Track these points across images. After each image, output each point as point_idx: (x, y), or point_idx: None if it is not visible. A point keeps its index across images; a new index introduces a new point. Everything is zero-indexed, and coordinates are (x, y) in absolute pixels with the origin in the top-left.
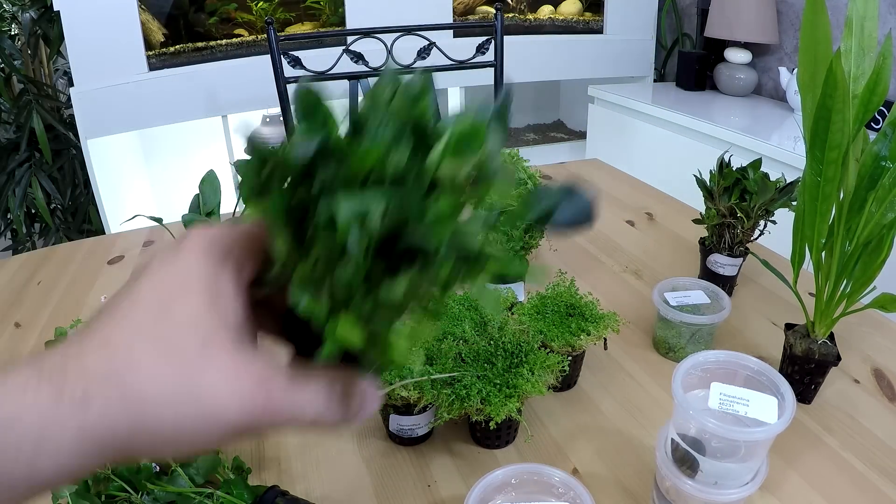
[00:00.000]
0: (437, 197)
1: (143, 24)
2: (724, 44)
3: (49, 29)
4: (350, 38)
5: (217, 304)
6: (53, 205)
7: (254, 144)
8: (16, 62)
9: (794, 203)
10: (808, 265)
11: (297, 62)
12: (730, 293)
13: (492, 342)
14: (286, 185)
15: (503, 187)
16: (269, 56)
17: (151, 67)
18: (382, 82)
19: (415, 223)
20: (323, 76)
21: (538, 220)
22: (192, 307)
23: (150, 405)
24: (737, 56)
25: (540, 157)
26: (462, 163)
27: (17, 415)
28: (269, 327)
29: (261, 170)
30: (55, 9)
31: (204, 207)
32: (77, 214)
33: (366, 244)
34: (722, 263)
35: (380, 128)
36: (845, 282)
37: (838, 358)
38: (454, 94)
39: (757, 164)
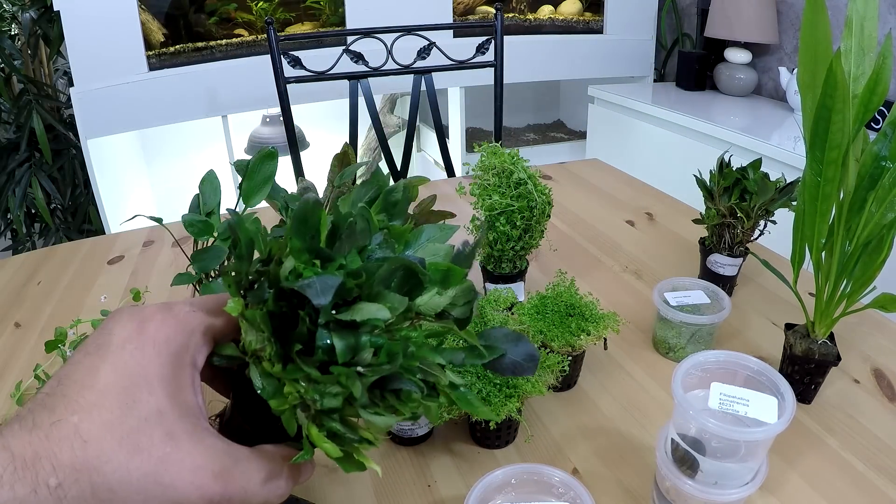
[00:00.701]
0: (417, 328)
1: (143, 24)
2: (724, 44)
3: (49, 29)
4: (350, 38)
5: (178, 397)
6: (53, 205)
7: (238, 229)
8: (16, 62)
9: (794, 203)
10: (808, 265)
11: (297, 62)
12: (730, 293)
13: None
14: (272, 292)
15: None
16: (269, 56)
17: (151, 67)
18: (362, 188)
19: (399, 360)
20: (323, 76)
21: (488, 365)
22: (155, 401)
23: (119, 496)
24: (737, 56)
25: (540, 157)
26: (442, 299)
27: None
28: (213, 381)
29: (247, 261)
30: (55, 9)
31: (204, 207)
32: (77, 214)
33: (364, 385)
34: (722, 263)
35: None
36: (845, 282)
37: (838, 358)
38: (454, 94)
39: (757, 164)
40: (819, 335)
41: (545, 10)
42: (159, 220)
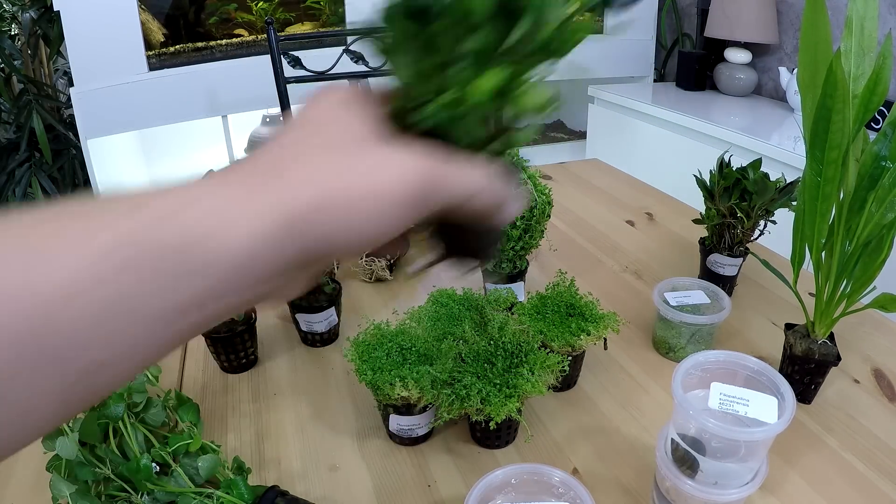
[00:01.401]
0: None
1: (143, 24)
2: (724, 44)
3: (49, 29)
4: (350, 38)
5: (366, 123)
6: None
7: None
8: (16, 62)
9: (794, 203)
10: (808, 265)
11: (297, 62)
12: (730, 293)
13: (492, 342)
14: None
15: None
16: (269, 56)
17: (151, 67)
18: None
19: None
20: (323, 76)
21: (602, 2)
22: (345, 123)
23: (319, 188)
24: (737, 56)
25: (540, 157)
26: None
27: (196, 197)
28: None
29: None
30: (55, 9)
31: None
32: None
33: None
34: (722, 263)
35: None
36: (845, 282)
37: (838, 358)
38: None
39: (757, 164)
40: (819, 335)
41: None
42: None
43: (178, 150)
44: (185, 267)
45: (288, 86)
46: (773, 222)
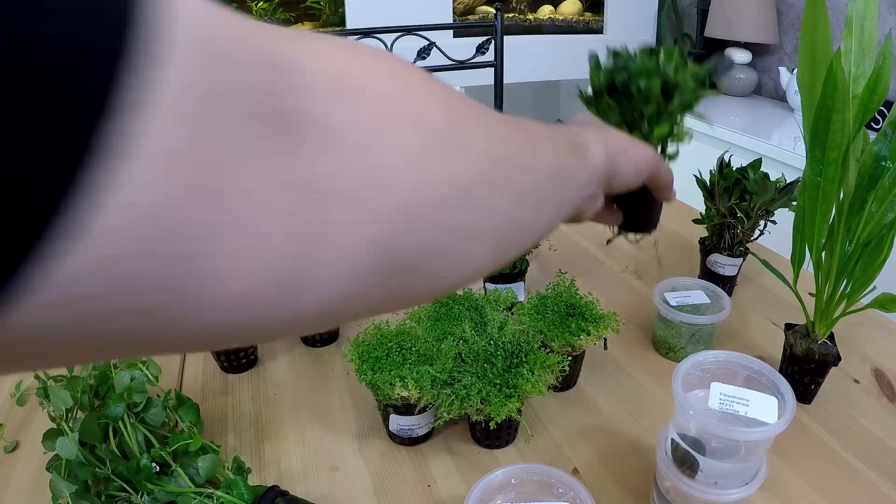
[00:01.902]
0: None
1: None
2: (724, 44)
3: None
4: (350, 39)
5: None
6: None
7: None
8: None
9: (794, 203)
10: (808, 265)
11: None
12: (730, 293)
13: (492, 342)
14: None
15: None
16: None
17: None
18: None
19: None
20: None
21: (709, 74)
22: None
23: (619, 143)
24: (737, 56)
25: None
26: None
27: (583, 131)
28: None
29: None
30: None
31: None
32: None
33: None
34: (722, 263)
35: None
36: (845, 282)
37: (838, 358)
38: None
39: (757, 164)
40: (819, 335)
41: (545, 10)
42: None
43: None
44: (584, 162)
45: None
46: (773, 222)
